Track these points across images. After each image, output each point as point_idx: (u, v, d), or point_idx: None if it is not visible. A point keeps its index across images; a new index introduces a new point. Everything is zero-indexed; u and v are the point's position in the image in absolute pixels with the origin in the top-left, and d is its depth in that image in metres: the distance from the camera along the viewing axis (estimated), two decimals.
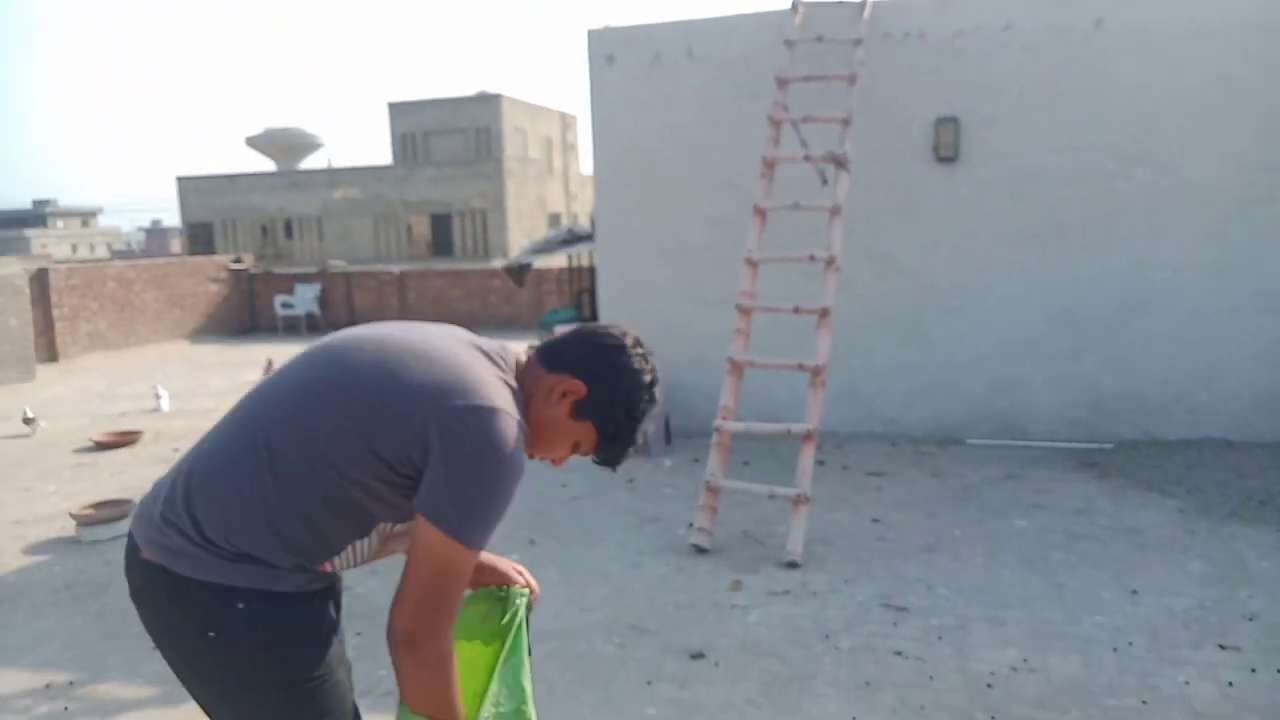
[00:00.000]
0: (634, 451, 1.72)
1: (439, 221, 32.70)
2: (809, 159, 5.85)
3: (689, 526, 4.94)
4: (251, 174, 35.10)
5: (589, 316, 8.14)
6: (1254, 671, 3.28)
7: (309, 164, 39.78)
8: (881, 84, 6.50)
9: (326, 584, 1.61)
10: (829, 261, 5.21)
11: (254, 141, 39.76)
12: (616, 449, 1.69)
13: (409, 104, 34.67)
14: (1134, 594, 3.97)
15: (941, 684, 3.28)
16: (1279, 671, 3.27)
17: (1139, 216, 6.32)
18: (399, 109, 34.66)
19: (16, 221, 60.84)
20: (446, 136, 34.50)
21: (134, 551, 1.59)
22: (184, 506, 1.51)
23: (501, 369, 1.60)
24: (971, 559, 4.46)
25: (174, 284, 15.94)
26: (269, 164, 39.10)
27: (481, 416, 1.45)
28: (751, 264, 5.44)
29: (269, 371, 9.74)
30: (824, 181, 6.23)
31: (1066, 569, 4.28)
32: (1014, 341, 6.61)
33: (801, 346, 5.42)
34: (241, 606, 1.49)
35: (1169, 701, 3.10)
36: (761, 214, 5.62)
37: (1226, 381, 6.29)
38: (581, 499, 5.66)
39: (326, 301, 17.04)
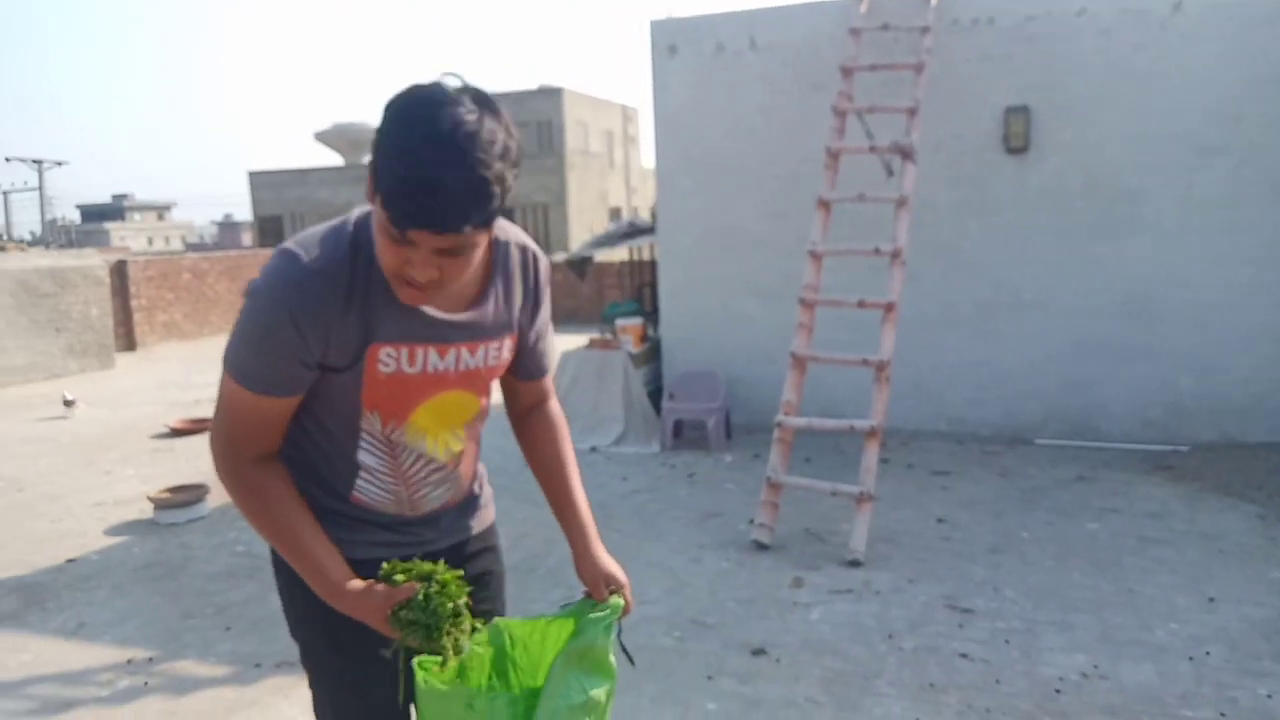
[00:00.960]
0: (423, 210, 1.26)
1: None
2: (874, 150, 5.76)
3: (750, 522, 4.92)
4: (320, 168, 35.86)
5: (650, 310, 8.14)
6: None
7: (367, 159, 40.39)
8: (949, 72, 6.37)
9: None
10: (894, 255, 5.13)
11: (322, 136, 40.57)
12: (396, 212, 1.27)
13: None
14: (1211, 602, 3.84)
15: (1008, 688, 3.22)
16: None
17: (1218, 210, 6.10)
18: None
19: (97, 215, 63.08)
20: None
21: None
22: None
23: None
24: (1040, 561, 4.36)
25: (246, 275, 16.35)
26: (337, 158, 39.86)
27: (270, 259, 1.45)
28: (815, 257, 5.38)
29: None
30: (890, 173, 6.13)
31: (1139, 574, 4.16)
32: (1086, 339, 6.44)
33: (866, 341, 5.35)
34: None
35: (1248, 715, 2.99)
36: (826, 206, 5.55)
37: None
38: (641, 493, 5.67)
39: None
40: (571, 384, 7.05)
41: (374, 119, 1.35)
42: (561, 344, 8.51)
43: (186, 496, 5.53)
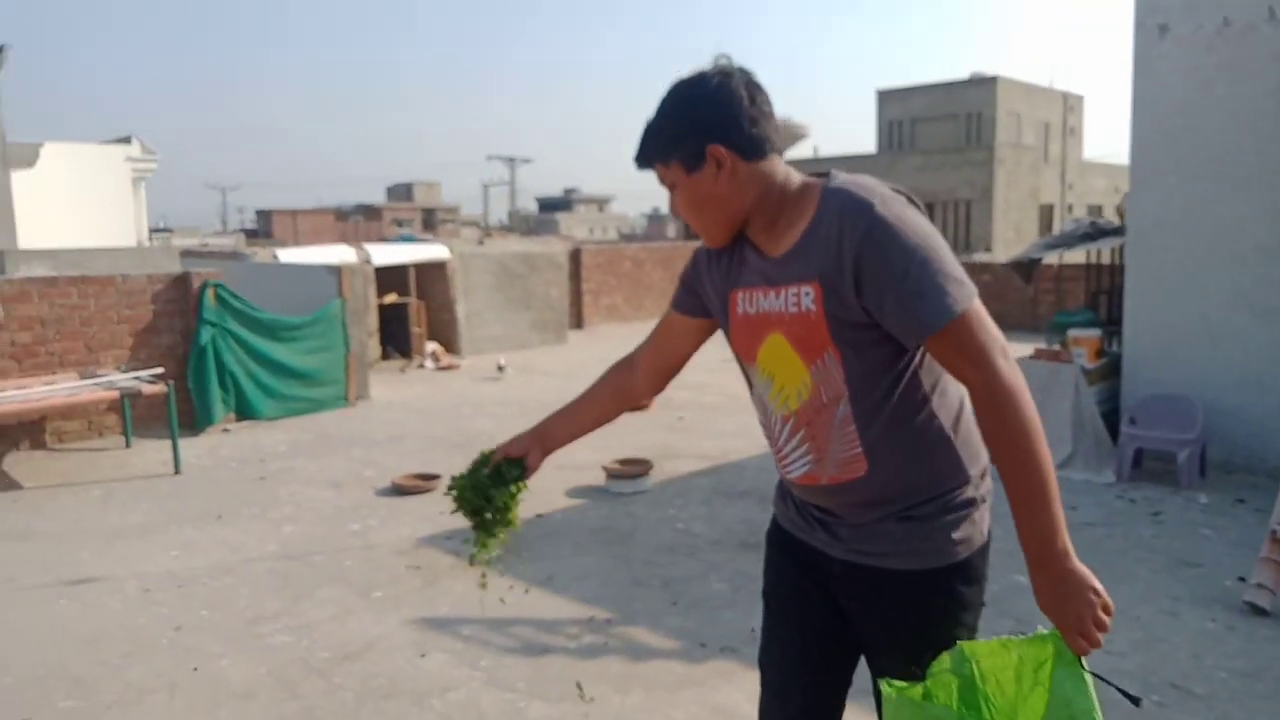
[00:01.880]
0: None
1: None
2: None
3: (1240, 579, 4.19)
4: None
5: (1108, 321, 7.30)
6: None
7: (795, 154, 41.24)
8: None
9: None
10: None
11: None
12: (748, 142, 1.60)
13: (899, 90, 34.30)
14: None
15: None
16: None
17: None
18: (888, 96, 34.44)
19: (550, 206, 71.79)
20: (934, 123, 33.55)
21: None
22: None
23: None
24: None
25: (677, 265, 17.49)
26: None
27: None
28: None
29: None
30: None
31: None
32: None
33: None
34: None
35: None
36: None
37: None
38: (1096, 526, 5.09)
39: None
40: None
41: (795, 113, 1.45)
42: None
43: (634, 470, 6.00)
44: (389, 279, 11.63)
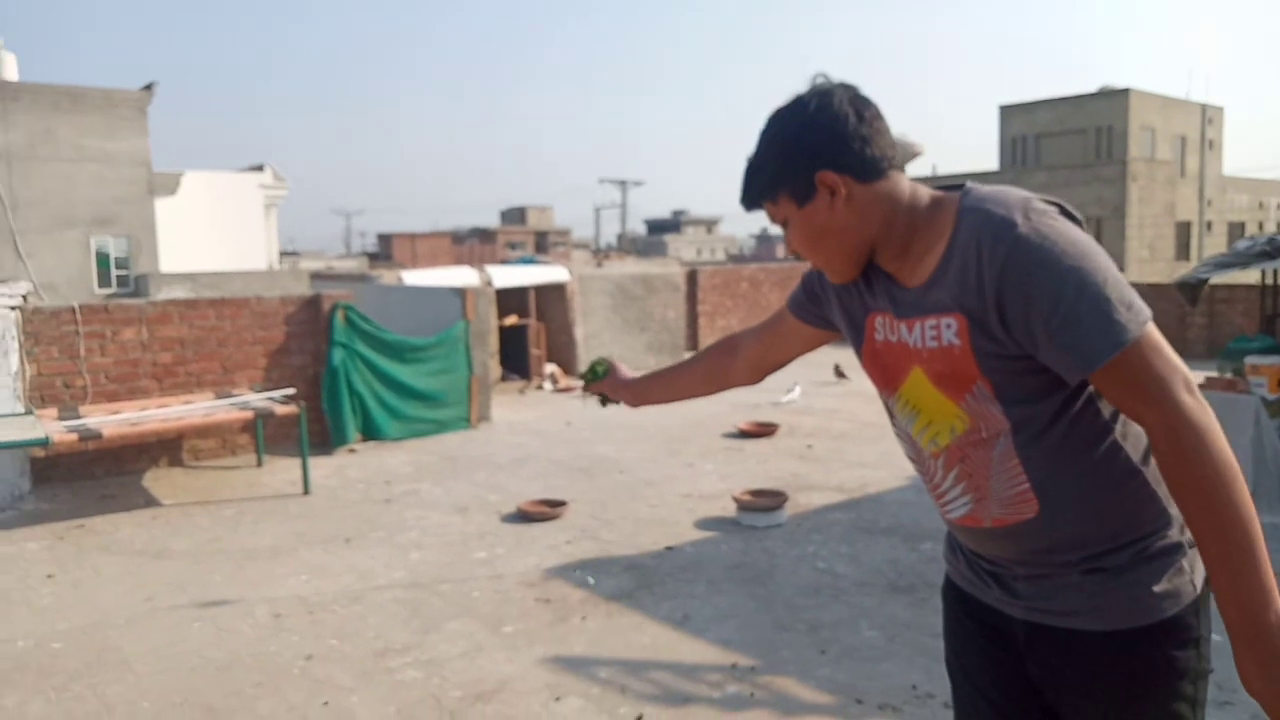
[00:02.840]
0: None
1: None
2: None
3: None
4: None
5: None
6: None
7: (911, 171, 40.19)
8: None
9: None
10: None
11: None
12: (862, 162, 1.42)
13: (1022, 105, 33.07)
14: None
15: None
16: None
17: None
18: (1011, 111, 33.25)
19: (659, 228, 72.10)
20: (1060, 138, 32.18)
21: None
22: None
23: None
24: None
25: (794, 285, 17.04)
26: None
27: None
28: None
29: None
30: None
31: None
32: None
33: None
34: None
35: None
36: None
37: None
38: None
39: None
40: None
41: (910, 131, 1.39)
42: None
43: (768, 501, 5.69)
44: (508, 301, 11.67)
